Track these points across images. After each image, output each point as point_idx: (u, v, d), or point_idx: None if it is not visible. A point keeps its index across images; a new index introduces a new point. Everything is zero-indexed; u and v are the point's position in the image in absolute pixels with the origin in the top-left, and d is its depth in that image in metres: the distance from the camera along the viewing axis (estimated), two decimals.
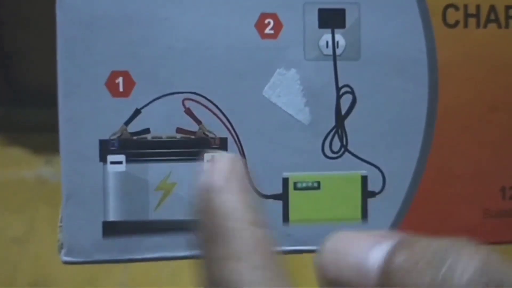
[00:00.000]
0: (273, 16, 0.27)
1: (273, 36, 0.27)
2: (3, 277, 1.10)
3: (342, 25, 0.27)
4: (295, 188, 0.27)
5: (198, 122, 0.27)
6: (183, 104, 0.26)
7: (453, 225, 0.28)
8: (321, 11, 0.27)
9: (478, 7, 0.28)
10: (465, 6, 0.28)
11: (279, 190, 0.27)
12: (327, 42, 0.27)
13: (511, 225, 0.28)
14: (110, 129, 0.26)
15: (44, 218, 1.21)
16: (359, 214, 0.28)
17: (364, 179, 0.28)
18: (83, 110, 0.26)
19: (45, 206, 1.23)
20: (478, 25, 0.28)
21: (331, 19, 0.27)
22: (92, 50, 0.26)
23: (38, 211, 1.23)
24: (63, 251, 0.26)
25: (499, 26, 0.28)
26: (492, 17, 0.28)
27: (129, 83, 0.26)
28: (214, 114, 0.27)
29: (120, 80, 0.26)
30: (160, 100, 0.26)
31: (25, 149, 1.32)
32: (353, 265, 0.20)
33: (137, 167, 0.26)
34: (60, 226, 0.26)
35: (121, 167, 0.26)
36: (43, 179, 1.30)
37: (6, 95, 1.44)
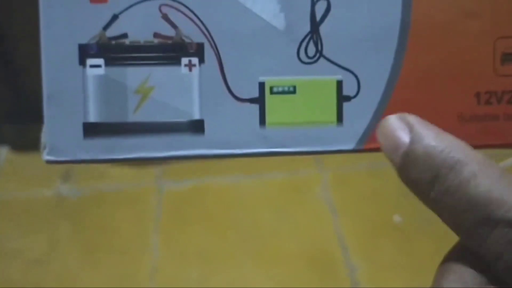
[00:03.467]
0: None
1: None
2: None
3: None
4: (271, 92, 0.30)
5: (175, 27, 0.29)
6: (160, 10, 0.29)
7: None
8: None
9: None
10: None
11: (255, 94, 0.30)
12: None
13: (485, 129, 0.31)
14: (88, 34, 0.29)
15: (65, 236, 1.24)
16: (334, 117, 0.30)
17: (339, 83, 0.30)
18: (62, 15, 0.29)
19: (65, 224, 1.27)
20: None
21: None
22: None
23: (59, 229, 1.26)
24: (45, 151, 0.29)
25: None
26: None
27: None
28: (191, 19, 0.29)
29: None
30: (137, 5, 0.29)
31: (41, 166, 1.35)
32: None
33: (115, 71, 0.29)
34: (43, 131, 0.29)
35: (100, 71, 0.29)
36: (61, 196, 1.34)
37: (17, 113, 1.48)
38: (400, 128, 0.28)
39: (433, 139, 0.26)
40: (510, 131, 0.30)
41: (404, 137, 0.27)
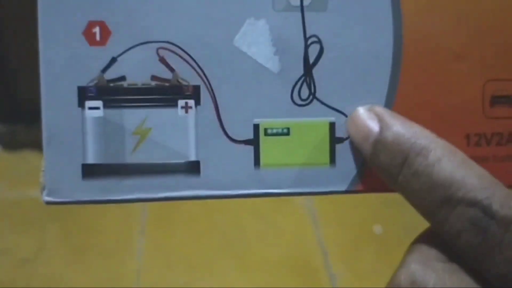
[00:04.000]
0: None
1: None
2: None
3: None
4: (266, 134, 0.30)
5: (172, 70, 0.29)
6: (157, 53, 0.29)
7: None
8: None
9: None
10: None
11: (250, 135, 0.30)
12: None
13: None
14: (87, 76, 0.29)
15: (53, 237, 1.24)
16: (327, 159, 0.31)
17: (332, 125, 0.31)
18: (62, 58, 0.29)
19: (53, 225, 1.26)
20: None
21: None
22: (70, 1, 0.29)
23: (47, 230, 1.26)
24: (44, 192, 0.29)
25: None
26: None
27: (105, 32, 0.29)
28: (187, 62, 0.30)
29: (96, 29, 0.29)
30: (135, 49, 0.29)
31: (31, 166, 1.35)
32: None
33: (114, 113, 0.29)
34: (43, 171, 0.29)
35: (99, 113, 0.29)
36: None
37: (9, 112, 1.47)
38: (370, 118, 0.29)
39: (402, 127, 0.28)
40: (499, 172, 0.31)
41: (374, 126, 0.29)
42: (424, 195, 0.27)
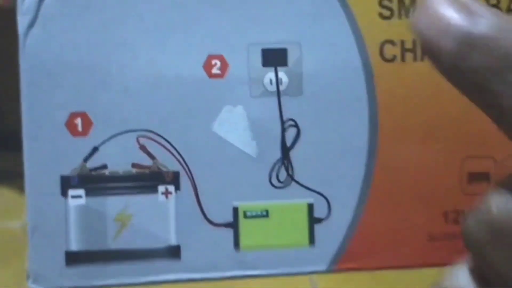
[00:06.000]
0: (220, 57, 0.30)
1: (220, 75, 0.31)
2: None
3: (284, 63, 0.31)
4: (245, 217, 0.31)
5: (152, 157, 0.30)
6: (138, 141, 0.30)
7: (398, 248, 0.31)
8: (264, 51, 0.31)
9: (414, 42, 0.31)
10: (402, 42, 0.31)
11: (230, 218, 0.31)
12: (271, 80, 0.31)
13: (454, 247, 0.31)
14: (70, 166, 0.30)
15: None
16: (306, 240, 0.31)
17: (310, 206, 0.31)
18: (45, 149, 0.30)
19: None
20: (415, 59, 0.31)
21: (274, 58, 0.31)
22: (53, 93, 0.30)
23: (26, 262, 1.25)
24: (29, 280, 0.30)
25: None
26: None
27: (87, 123, 0.30)
28: (167, 149, 0.30)
29: (78, 120, 0.30)
30: (116, 138, 0.30)
31: (10, 196, 1.34)
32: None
33: (96, 200, 0.30)
34: (28, 260, 0.30)
35: (81, 201, 0.30)
36: None
37: None
38: (452, 7, 0.21)
39: (497, 17, 0.21)
40: None
41: (460, 17, 0.21)
42: None
